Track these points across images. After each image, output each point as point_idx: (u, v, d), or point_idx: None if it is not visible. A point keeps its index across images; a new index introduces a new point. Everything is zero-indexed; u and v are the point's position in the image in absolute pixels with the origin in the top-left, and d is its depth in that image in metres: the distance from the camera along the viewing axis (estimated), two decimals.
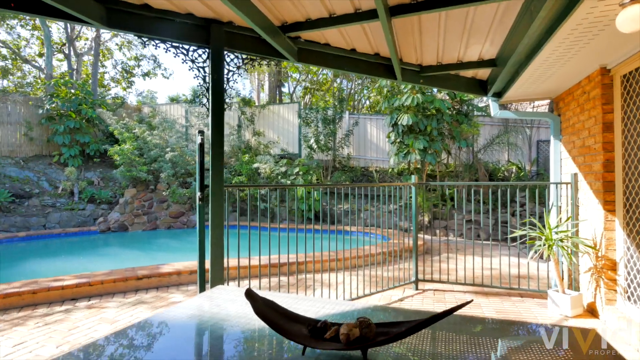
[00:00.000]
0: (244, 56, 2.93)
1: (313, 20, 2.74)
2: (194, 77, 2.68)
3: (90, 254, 7.82)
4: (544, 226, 3.63)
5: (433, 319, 1.04)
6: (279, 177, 9.76)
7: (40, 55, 14.84)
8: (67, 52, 13.63)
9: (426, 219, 8.67)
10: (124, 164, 10.07)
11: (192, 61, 2.71)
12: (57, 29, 15.54)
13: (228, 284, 3.18)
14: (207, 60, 2.73)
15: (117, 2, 2.44)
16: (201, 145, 2.71)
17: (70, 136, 10.85)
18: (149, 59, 17.30)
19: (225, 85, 2.81)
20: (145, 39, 2.56)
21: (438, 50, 3.41)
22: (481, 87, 4.27)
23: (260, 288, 3.43)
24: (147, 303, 4.06)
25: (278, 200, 8.40)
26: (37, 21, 12.87)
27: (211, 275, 2.71)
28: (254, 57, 2.97)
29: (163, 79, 25.91)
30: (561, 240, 3.41)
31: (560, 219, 3.94)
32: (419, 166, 9.29)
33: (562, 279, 3.70)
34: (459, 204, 8.16)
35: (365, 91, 13.97)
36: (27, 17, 13.21)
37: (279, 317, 1.19)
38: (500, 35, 3.03)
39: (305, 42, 3.15)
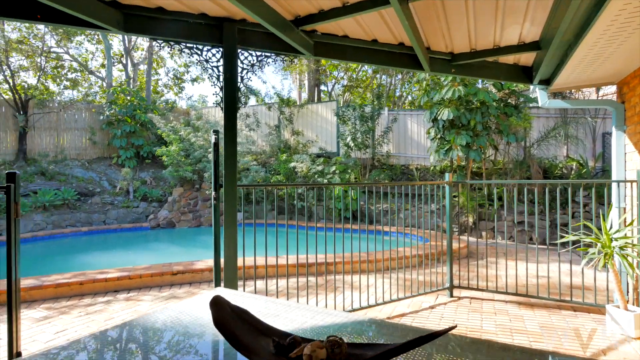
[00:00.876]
0: (258, 53, 2.88)
1: (326, 11, 2.61)
2: (208, 77, 2.69)
3: (140, 249, 8.41)
4: (600, 230, 3.15)
5: (409, 344, 0.88)
6: (316, 176, 9.73)
7: (103, 66, 16.32)
8: (124, 62, 14.83)
9: (470, 219, 8.09)
10: (171, 164, 10.70)
11: (206, 61, 2.72)
12: (117, 42, 16.97)
13: (244, 283, 3.18)
14: (221, 59, 2.72)
15: (133, 7, 2.51)
16: (216, 145, 2.71)
17: (126, 139, 11.79)
18: (196, 64, 18.25)
19: (239, 83, 2.79)
20: (160, 41, 2.62)
21: (469, 36, 3.09)
22: (525, 74, 3.82)
23: (287, 288, 3.39)
24: (178, 298, 4.22)
25: (315, 199, 8.37)
26: (100, 35, 14.15)
27: (224, 274, 2.70)
28: (269, 54, 2.91)
29: (209, 82, 27.00)
30: (621, 248, 2.92)
31: (623, 222, 3.39)
32: (462, 163, 8.71)
33: (625, 292, 3.18)
34: (509, 204, 7.49)
35: (406, 86, 13.45)
36: (92, 33, 14.57)
37: (246, 329, 1.09)
38: (542, 12, 2.66)
39: (322, 35, 3.03)
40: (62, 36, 13.69)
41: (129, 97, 12.18)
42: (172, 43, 2.65)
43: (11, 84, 10.42)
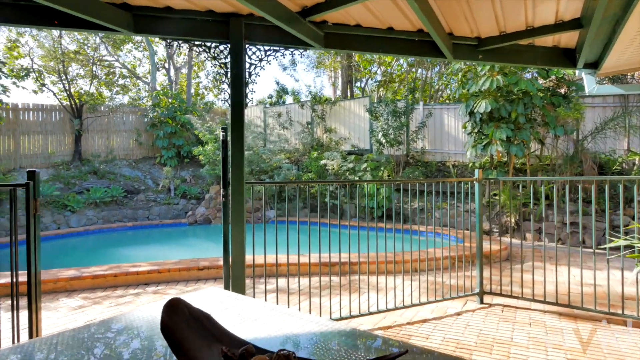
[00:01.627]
0: (267, 48, 2.82)
1: None
2: (217, 74, 2.68)
3: (177, 244, 8.82)
4: None
5: None
6: (347, 173, 9.58)
7: (149, 72, 17.38)
8: (167, 67, 15.66)
9: (512, 219, 7.50)
10: (208, 163, 11.12)
11: (214, 58, 2.71)
12: (162, 48, 17.98)
13: (265, 281, 3.15)
14: (229, 55, 2.70)
15: (142, 8, 2.56)
16: (224, 142, 2.70)
17: (168, 140, 12.44)
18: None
19: (247, 79, 2.75)
20: (169, 40, 2.66)
21: (497, 17, 2.79)
22: (568, 57, 3.40)
23: (315, 288, 3.32)
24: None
25: (348, 197, 8.23)
26: (145, 43, 15.05)
27: (232, 271, 2.69)
28: (277, 48, 2.84)
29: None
30: None
31: None
32: (504, 159, 8.10)
33: None
34: (558, 204, 6.82)
35: (444, 78, 12.81)
36: (139, 40, 15.53)
37: (201, 336, 1.02)
38: None
39: (332, 26, 2.90)
40: (113, 45, 14.78)
41: (170, 100, 12.85)
42: (180, 41, 2.67)
43: (68, 91, 11.42)
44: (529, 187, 7.67)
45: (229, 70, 2.71)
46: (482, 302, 3.77)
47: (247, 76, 2.75)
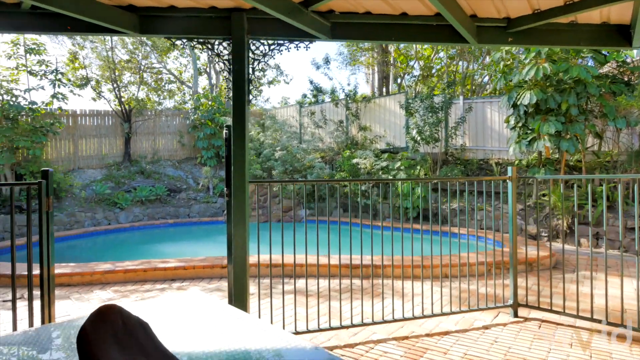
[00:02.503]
0: (270, 42, 2.73)
1: None
2: (220, 71, 2.64)
3: (212, 241, 9.11)
4: None
5: None
6: (380, 172, 9.27)
7: (192, 77, 18.28)
8: (208, 71, 16.34)
9: (565, 223, 6.74)
10: None
11: (218, 55, 2.68)
12: (205, 53, 18.83)
13: (283, 282, 3.08)
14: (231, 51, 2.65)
15: (147, 9, 2.59)
16: (227, 140, 2.66)
17: (207, 141, 12.95)
18: (272, 68, 19.17)
19: (250, 75, 2.68)
20: (174, 40, 2.66)
21: None
22: (622, 35, 2.91)
23: (335, 290, 3.21)
24: (223, 291, 4.36)
25: (381, 196, 7.94)
26: (188, 49, 15.83)
27: (234, 272, 2.64)
28: (281, 42, 2.74)
29: (284, 84, 28.26)
30: None
31: None
32: (556, 156, 7.33)
33: None
34: (622, 206, 6.00)
35: (489, 69, 11.95)
36: (184, 48, 16.39)
37: (125, 352, 0.93)
38: None
39: (340, 15, 2.73)
40: (160, 53, 15.76)
41: (209, 102, 13.37)
42: (184, 40, 2.67)
43: (119, 98, 12.33)
44: (585, 186, 6.85)
45: (232, 66, 2.65)
46: (516, 315, 3.38)
47: (250, 72, 2.68)
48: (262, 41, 2.72)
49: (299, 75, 27.32)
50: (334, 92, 11.83)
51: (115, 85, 12.39)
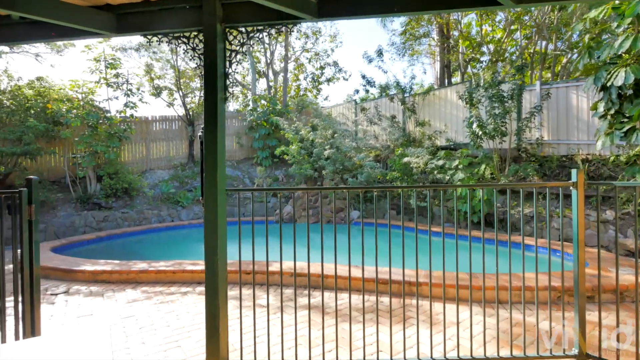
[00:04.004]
0: (249, 29, 2.38)
1: None
2: (196, 67, 2.38)
3: (261, 243, 9.18)
4: None
5: None
6: (435, 172, 8.32)
7: (254, 80, 18.96)
8: (266, 72, 16.74)
9: None
10: (295, 162, 11.33)
11: (194, 49, 2.42)
12: (262, 55, 19.38)
13: (309, 293, 2.74)
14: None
15: (123, 6, 2.45)
16: (202, 144, 2.39)
17: (263, 141, 13.23)
18: (330, 65, 18.93)
19: (227, 68, 2.37)
20: (150, 37, 2.48)
21: None
22: None
23: (351, 309, 2.79)
24: (238, 300, 4.18)
25: (439, 199, 7.09)
26: (247, 53, 16.40)
27: (206, 284, 2.37)
28: (261, 27, 2.36)
29: (343, 81, 27.84)
30: None
31: None
32: None
33: None
34: None
35: (575, 47, 10.00)
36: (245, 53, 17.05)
37: None
38: None
39: None
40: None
41: (265, 103, 13.64)
42: (160, 36, 2.46)
43: (184, 104, 13.26)
44: None
45: (203, 60, 2.37)
46: None
47: (226, 65, 2.37)
48: (239, 29, 2.39)
49: (348, 69, 26.65)
50: (389, 86, 11.06)
51: (181, 92, 13.34)
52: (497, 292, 2.71)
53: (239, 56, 2.39)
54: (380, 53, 10.98)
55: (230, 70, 2.37)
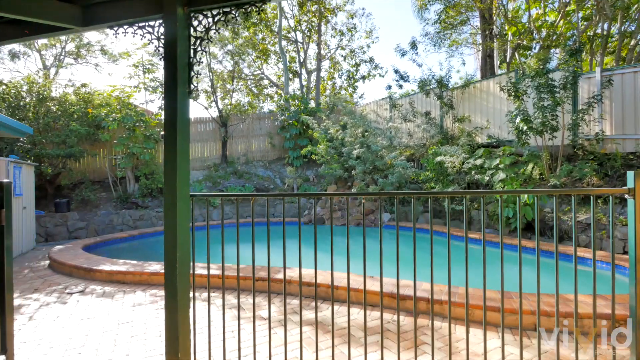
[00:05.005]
0: (215, 12, 2.08)
1: None
2: (160, 59, 2.14)
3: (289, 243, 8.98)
4: None
5: None
6: (473, 172, 7.54)
7: (291, 78, 18.94)
8: (300, 72, 16.59)
9: None
10: (325, 162, 11.01)
11: (158, 39, 2.17)
12: (294, 55, 19.30)
13: (316, 304, 2.45)
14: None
15: None
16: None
17: (294, 141, 13.07)
18: (366, 62, 18.34)
19: (192, 58, 2.10)
20: (116, 28, 2.27)
21: None
22: None
23: (365, 324, 2.44)
24: (243, 309, 3.94)
25: (483, 205, 6.38)
26: (280, 54, 16.37)
27: (165, 300, 2.11)
28: (228, 9, 2.05)
29: (379, 77, 26.88)
30: None
31: None
32: None
33: None
34: None
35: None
36: (279, 54, 17.05)
37: None
38: None
39: None
40: (262, 60, 16.83)
41: (297, 103, 13.47)
42: (125, 26, 2.25)
43: (217, 105, 13.51)
44: None
45: (164, 49, 2.11)
46: None
47: (191, 55, 2.09)
48: (205, 13, 2.10)
49: (387, 67, 25.73)
50: (424, 80, 10.33)
51: (214, 94, 13.61)
52: (538, 317, 2.16)
53: (204, 44, 2.10)
54: (414, 45, 10.28)
55: (195, 60, 2.09)
